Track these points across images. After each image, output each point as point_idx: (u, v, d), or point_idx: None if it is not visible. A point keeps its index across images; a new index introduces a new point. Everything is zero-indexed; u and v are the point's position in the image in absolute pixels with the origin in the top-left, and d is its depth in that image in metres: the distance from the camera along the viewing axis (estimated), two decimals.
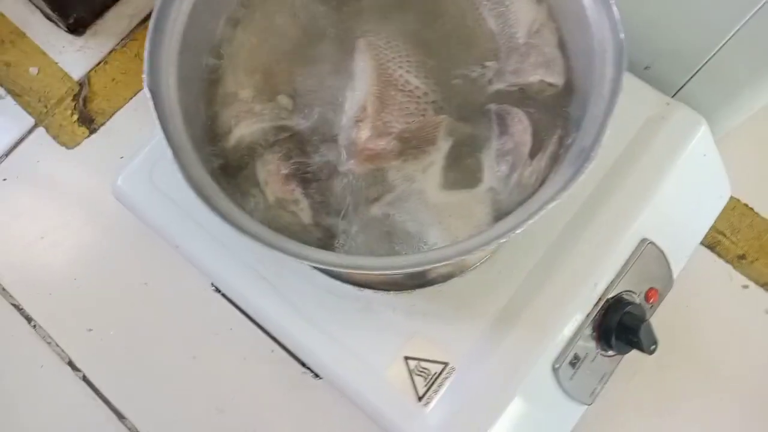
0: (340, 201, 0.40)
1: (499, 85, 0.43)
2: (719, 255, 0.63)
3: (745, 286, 0.62)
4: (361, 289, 0.49)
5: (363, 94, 0.41)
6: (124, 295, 0.68)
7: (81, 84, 0.80)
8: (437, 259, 0.33)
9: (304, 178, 0.40)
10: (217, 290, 0.54)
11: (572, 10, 0.40)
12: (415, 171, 0.41)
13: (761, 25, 0.47)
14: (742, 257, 0.63)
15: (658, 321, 0.61)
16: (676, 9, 0.51)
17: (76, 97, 0.79)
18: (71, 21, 0.81)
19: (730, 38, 0.50)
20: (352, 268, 0.35)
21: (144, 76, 0.35)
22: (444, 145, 0.42)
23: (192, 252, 0.51)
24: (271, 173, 0.39)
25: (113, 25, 0.83)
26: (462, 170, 0.41)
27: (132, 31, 0.83)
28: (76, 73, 0.81)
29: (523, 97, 0.42)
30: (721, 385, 0.59)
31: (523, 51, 0.43)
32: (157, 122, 0.34)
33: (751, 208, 0.65)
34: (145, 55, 0.36)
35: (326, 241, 0.39)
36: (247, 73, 0.42)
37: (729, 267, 0.63)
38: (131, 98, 0.79)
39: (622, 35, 0.36)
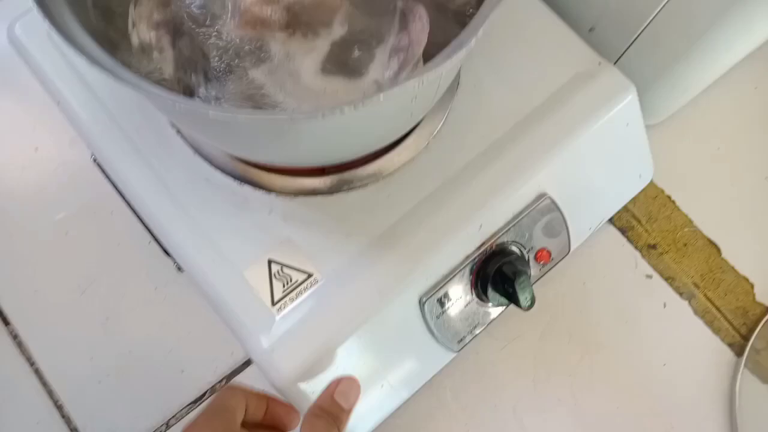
0: (209, 61, 0.37)
1: None
2: (629, 240, 0.61)
3: (649, 276, 0.60)
4: (241, 183, 0.47)
5: None
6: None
7: None
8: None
9: (176, 29, 0.37)
10: (96, 162, 0.51)
11: None
12: (299, 48, 0.38)
13: None
14: (652, 247, 0.61)
15: (551, 291, 0.60)
16: None
17: None
18: None
19: (666, 3, 0.48)
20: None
21: None
22: (338, 30, 0.39)
23: (72, 111, 0.48)
24: (142, 16, 0.36)
25: None
26: (349, 59, 0.39)
27: None
28: None
29: None
30: (599, 370, 0.57)
31: None
32: None
33: (674, 201, 0.63)
34: None
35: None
36: None
37: (637, 254, 0.61)
38: None
39: None
